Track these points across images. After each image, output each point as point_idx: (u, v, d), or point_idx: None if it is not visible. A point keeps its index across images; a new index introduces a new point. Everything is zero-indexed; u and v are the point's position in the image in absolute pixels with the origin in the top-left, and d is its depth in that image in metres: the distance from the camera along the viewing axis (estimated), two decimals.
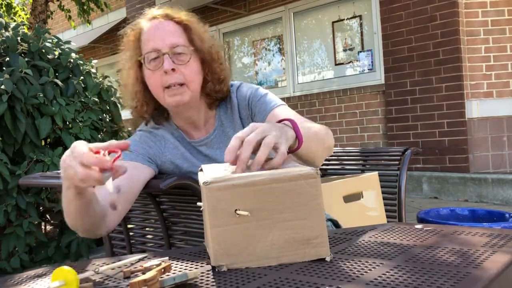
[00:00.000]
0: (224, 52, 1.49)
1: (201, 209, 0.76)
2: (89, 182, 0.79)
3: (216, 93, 1.30)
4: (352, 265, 0.70)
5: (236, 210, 0.73)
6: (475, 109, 4.51)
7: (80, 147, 0.81)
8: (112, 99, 3.40)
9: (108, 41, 8.75)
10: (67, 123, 3.06)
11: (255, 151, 0.80)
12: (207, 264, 0.78)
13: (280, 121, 0.97)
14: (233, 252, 0.74)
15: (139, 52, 1.24)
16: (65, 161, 0.82)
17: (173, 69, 1.18)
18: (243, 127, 1.32)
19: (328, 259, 0.74)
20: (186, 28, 1.25)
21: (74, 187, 0.85)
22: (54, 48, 3.28)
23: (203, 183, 0.75)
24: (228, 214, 0.73)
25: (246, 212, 0.73)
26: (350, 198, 1.70)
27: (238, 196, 0.73)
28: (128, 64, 1.28)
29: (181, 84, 1.20)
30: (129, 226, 1.46)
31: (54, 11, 8.18)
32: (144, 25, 1.25)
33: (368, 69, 5.32)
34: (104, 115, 3.37)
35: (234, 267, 0.74)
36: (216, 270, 0.74)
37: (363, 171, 1.88)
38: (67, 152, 0.83)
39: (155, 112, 1.31)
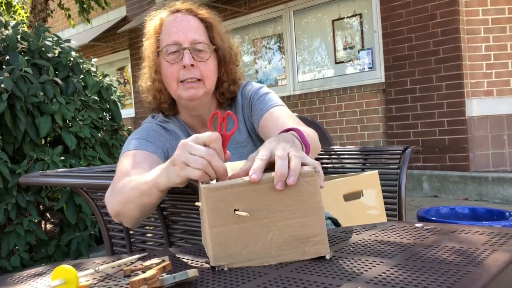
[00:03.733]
0: (240, 54, 1.49)
1: (199, 209, 0.76)
2: (210, 170, 0.79)
3: (230, 93, 1.31)
4: (352, 263, 0.70)
5: (235, 210, 0.73)
6: (475, 107, 4.51)
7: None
8: (112, 97, 3.40)
9: (108, 39, 8.75)
10: (67, 121, 3.06)
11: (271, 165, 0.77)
12: (207, 263, 0.78)
13: (287, 130, 0.96)
14: (232, 252, 0.74)
15: (158, 44, 1.25)
16: (192, 149, 0.80)
17: (192, 65, 1.19)
18: (246, 126, 1.32)
19: (327, 257, 0.74)
20: (208, 25, 1.26)
21: (176, 181, 0.85)
22: (54, 47, 3.28)
23: (201, 183, 0.75)
24: (227, 214, 0.73)
25: (245, 212, 0.72)
26: (350, 196, 1.70)
27: (236, 195, 0.73)
28: (146, 53, 1.28)
29: (198, 80, 1.21)
30: None
31: (54, 10, 8.17)
32: (166, 17, 1.25)
33: (369, 68, 5.32)
34: (104, 113, 3.37)
35: (234, 267, 0.74)
36: (216, 270, 0.74)
37: (363, 169, 1.88)
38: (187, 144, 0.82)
39: (170, 103, 1.32)
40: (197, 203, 0.80)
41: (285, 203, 0.73)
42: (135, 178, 1.02)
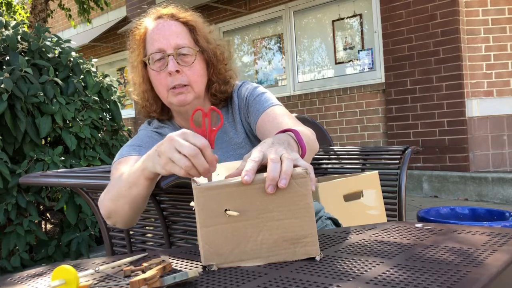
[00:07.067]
0: (231, 52, 1.48)
1: (193, 209, 0.76)
2: (193, 171, 0.79)
3: (222, 93, 1.30)
4: (352, 263, 0.70)
5: (226, 210, 0.73)
6: (475, 108, 4.51)
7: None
8: (112, 98, 3.40)
9: (108, 40, 8.76)
10: (67, 122, 3.06)
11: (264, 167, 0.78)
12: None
13: (284, 131, 0.96)
14: (223, 252, 0.74)
15: (144, 52, 1.25)
16: (175, 141, 0.81)
17: (177, 71, 1.19)
18: (243, 128, 1.32)
19: (317, 258, 0.74)
20: (191, 28, 1.25)
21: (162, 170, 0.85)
22: (54, 47, 3.28)
23: (193, 183, 0.75)
24: (218, 213, 0.73)
25: (235, 212, 0.73)
26: (351, 197, 1.70)
27: (227, 196, 0.73)
28: (135, 63, 1.28)
29: (185, 85, 1.21)
30: None
31: (54, 10, 8.17)
32: (150, 25, 1.25)
33: (369, 68, 5.32)
34: (104, 114, 3.37)
35: (224, 267, 0.74)
36: (207, 269, 0.74)
37: (363, 170, 1.88)
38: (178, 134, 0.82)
39: (161, 110, 1.32)
40: (191, 203, 0.81)
41: (276, 204, 0.74)
42: (124, 173, 1.02)
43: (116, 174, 1.13)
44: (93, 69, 3.39)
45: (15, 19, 8.54)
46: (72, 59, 3.25)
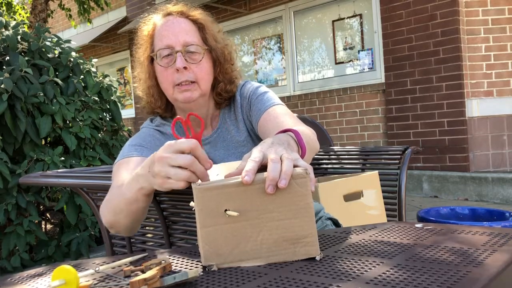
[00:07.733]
0: (236, 53, 1.49)
1: (193, 209, 0.76)
2: (193, 178, 0.80)
3: (227, 93, 1.31)
4: (352, 264, 0.70)
5: (225, 210, 0.73)
6: (475, 108, 4.51)
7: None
8: (112, 98, 3.40)
9: (108, 40, 8.76)
10: (67, 122, 3.07)
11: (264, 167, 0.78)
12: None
13: (284, 131, 0.96)
14: (223, 252, 0.74)
15: (152, 48, 1.25)
16: (167, 159, 0.81)
17: (185, 67, 1.19)
18: (246, 126, 1.32)
19: (318, 258, 0.74)
20: (200, 27, 1.26)
21: (155, 186, 0.86)
22: (54, 47, 3.28)
23: (193, 183, 0.75)
24: (218, 214, 0.73)
25: (235, 212, 0.73)
26: (351, 197, 1.70)
27: (227, 196, 0.73)
28: (141, 59, 1.29)
29: (192, 82, 1.21)
30: None
31: (54, 10, 8.17)
32: (159, 21, 1.26)
33: (369, 68, 5.32)
34: (104, 114, 3.37)
35: (224, 267, 0.74)
36: (207, 269, 0.74)
37: (363, 170, 1.88)
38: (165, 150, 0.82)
39: (165, 107, 1.32)
40: (191, 204, 0.81)
41: (276, 204, 0.73)
42: (122, 185, 1.02)
43: (117, 178, 1.12)
44: (93, 69, 3.39)
45: (15, 19, 8.54)
46: (72, 59, 3.25)
